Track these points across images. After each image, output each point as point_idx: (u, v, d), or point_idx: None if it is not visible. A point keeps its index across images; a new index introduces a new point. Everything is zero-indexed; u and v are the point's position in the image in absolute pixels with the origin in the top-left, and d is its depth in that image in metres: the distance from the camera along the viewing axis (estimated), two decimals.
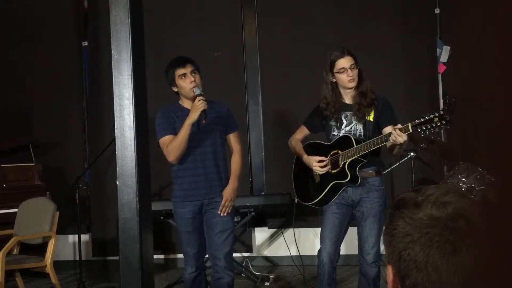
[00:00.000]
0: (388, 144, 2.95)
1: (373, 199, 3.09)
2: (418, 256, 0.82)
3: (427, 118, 2.74)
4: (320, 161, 3.16)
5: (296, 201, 4.11)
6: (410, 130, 2.78)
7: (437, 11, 5.05)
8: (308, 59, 5.03)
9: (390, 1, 5.14)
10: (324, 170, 3.15)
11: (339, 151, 3.10)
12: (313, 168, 3.18)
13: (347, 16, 5.17)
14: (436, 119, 2.72)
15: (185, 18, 5.38)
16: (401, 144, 2.84)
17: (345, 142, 3.08)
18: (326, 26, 5.16)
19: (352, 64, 3.07)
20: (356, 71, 3.09)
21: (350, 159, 3.03)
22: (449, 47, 4.91)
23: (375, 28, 5.11)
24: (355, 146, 3.01)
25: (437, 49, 4.97)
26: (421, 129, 2.77)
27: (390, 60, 5.09)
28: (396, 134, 2.78)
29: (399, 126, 2.81)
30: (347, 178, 3.05)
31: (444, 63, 4.97)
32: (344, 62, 3.07)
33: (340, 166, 3.09)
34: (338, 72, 3.09)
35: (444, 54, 4.93)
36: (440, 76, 5.02)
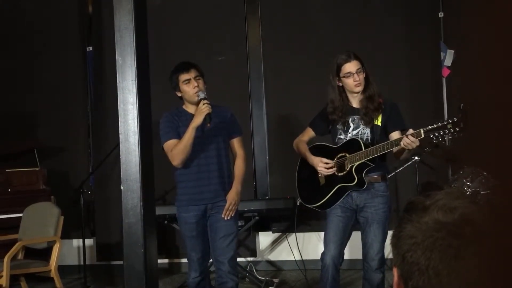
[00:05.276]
0: (395, 149, 2.93)
1: (377, 205, 3.07)
2: (420, 259, 0.83)
3: (440, 125, 2.70)
4: (326, 163, 3.14)
5: (298, 203, 4.10)
6: (422, 136, 2.74)
7: (440, 15, 5.04)
8: (311, 63, 5.04)
9: (393, 5, 5.15)
10: (329, 172, 3.13)
11: (347, 154, 3.08)
12: (318, 169, 3.16)
13: (351, 21, 5.18)
14: (449, 126, 2.68)
15: (189, 23, 5.40)
16: (410, 149, 2.82)
17: (352, 145, 3.06)
18: (330, 30, 5.17)
19: (359, 68, 3.04)
20: (362, 75, 3.06)
21: (358, 163, 3.02)
22: (453, 51, 4.90)
23: (378, 32, 5.11)
24: (363, 149, 2.99)
25: (441, 53, 4.97)
26: (434, 135, 2.73)
27: (394, 64, 5.08)
28: (408, 140, 2.76)
29: (411, 131, 2.78)
30: (354, 181, 3.03)
31: (448, 67, 4.96)
32: (351, 66, 3.04)
33: (347, 169, 3.07)
34: (344, 77, 3.07)
35: (448, 58, 4.93)
36: (444, 80, 5.02)
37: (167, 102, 3.71)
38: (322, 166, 3.13)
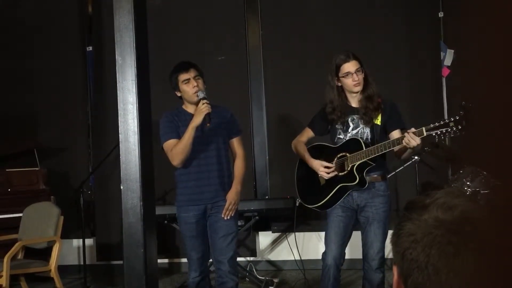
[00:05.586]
0: (396, 148, 2.93)
1: (378, 205, 3.06)
2: (419, 256, 0.83)
3: (442, 123, 2.69)
4: (326, 167, 3.13)
5: (298, 204, 4.09)
6: (424, 134, 2.73)
7: (440, 14, 5.05)
8: (311, 63, 5.04)
9: (393, 5, 5.15)
10: (330, 176, 3.13)
11: (347, 154, 3.08)
12: (319, 173, 3.16)
13: (351, 21, 5.19)
14: (451, 124, 2.67)
15: (189, 23, 5.40)
16: (413, 148, 2.82)
17: (353, 144, 3.05)
18: (330, 30, 5.17)
19: (358, 68, 3.04)
20: (361, 75, 3.06)
21: (359, 162, 3.01)
22: (452, 51, 4.91)
23: (378, 32, 5.11)
24: (364, 149, 2.99)
25: (441, 52, 4.97)
26: (436, 133, 2.71)
27: (394, 64, 5.09)
28: (409, 138, 2.76)
29: (413, 129, 2.77)
30: (355, 181, 3.02)
31: (448, 67, 4.97)
32: (350, 67, 3.04)
33: (348, 169, 3.07)
34: (343, 77, 3.06)
35: (448, 57, 4.93)
36: (444, 79, 5.02)
37: (167, 102, 3.71)
38: (323, 170, 3.12)
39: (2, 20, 5.67)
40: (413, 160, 4.40)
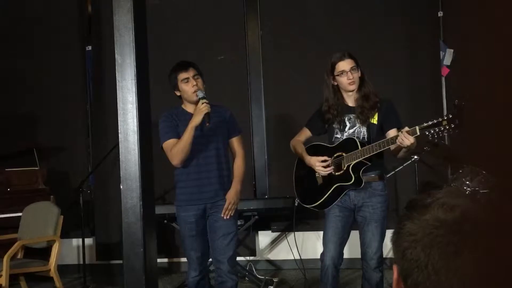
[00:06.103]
0: (392, 147, 2.93)
1: (375, 204, 3.07)
2: (419, 256, 0.83)
3: (435, 122, 2.70)
4: (322, 161, 3.14)
5: (296, 204, 4.09)
6: (418, 133, 2.74)
7: (440, 14, 5.05)
8: (310, 63, 5.03)
9: (392, 5, 5.15)
10: (327, 170, 3.12)
11: (343, 153, 3.08)
12: (316, 169, 3.16)
13: (350, 20, 5.18)
14: (444, 123, 2.67)
15: (189, 23, 5.40)
16: (408, 147, 2.82)
17: (349, 144, 3.06)
18: (329, 30, 5.17)
19: (353, 67, 3.06)
20: (357, 74, 3.07)
21: (355, 162, 3.02)
22: (452, 50, 4.90)
23: (378, 32, 5.11)
24: (360, 148, 2.99)
25: (440, 52, 4.97)
26: (429, 132, 2.72)
27: (393, 63, 5.08)
28: (403, 137, 2.76)
29: (407, 128, 2.78)
30: (351, 180, 3.03)
31: (447, 66, 4.96)
32: (344, 65, 3.06)
33: (344, 169, 3.07)
34: (338, 75, 3.08)
35: (447, 57, 4.93)
36: (443, 79, 5.02)
37: (166, 101, 3.71)
38: (319, 165, 3.13)
39: (2, 19, 5.67)
40: (412, 159, 4.41)
